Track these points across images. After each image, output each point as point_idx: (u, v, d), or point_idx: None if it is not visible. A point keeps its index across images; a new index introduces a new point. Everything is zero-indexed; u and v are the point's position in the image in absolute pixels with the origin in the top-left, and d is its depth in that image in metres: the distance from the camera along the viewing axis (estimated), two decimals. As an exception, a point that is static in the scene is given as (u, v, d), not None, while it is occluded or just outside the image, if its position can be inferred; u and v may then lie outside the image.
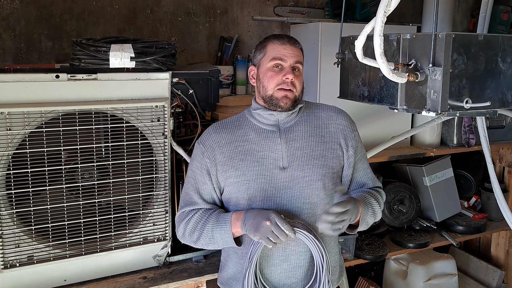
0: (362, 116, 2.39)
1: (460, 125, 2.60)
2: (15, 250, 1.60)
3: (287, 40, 1.47)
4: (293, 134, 1.49)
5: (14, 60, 2.11)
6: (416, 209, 2.60)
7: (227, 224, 1.41)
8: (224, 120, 1.58)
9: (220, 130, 1.52)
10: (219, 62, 2.50)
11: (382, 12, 1.30)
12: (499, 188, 2.32)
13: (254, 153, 1.46)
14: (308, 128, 1.51)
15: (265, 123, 1.50)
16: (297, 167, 1.45)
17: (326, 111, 1.56)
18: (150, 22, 2.35)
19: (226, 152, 1.47)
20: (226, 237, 1.42)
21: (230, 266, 1.54)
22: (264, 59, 1.47)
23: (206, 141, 1.51)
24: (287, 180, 1.45)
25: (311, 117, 1.53)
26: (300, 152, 1.47)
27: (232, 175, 1.46)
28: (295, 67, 1.46)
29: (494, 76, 1.51)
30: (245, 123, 1.53)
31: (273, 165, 1.45)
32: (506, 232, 2.91)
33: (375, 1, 2.48)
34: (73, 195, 1.66)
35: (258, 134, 1.49)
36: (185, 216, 1.51)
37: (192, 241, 1.51)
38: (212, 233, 1.44)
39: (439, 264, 2.67)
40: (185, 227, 1.50)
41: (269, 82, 1.44)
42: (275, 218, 1.33)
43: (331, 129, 1.52)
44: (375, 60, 1.38)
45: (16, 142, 1.54)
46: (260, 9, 2.60)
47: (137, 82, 1.71)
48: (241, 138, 1.49)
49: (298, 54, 1.47)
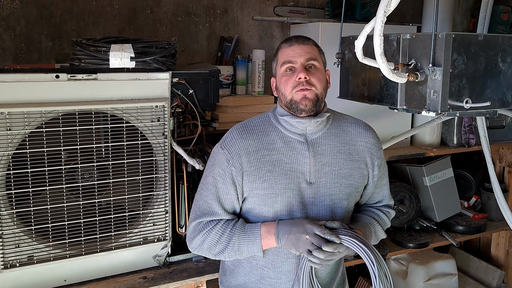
0: (362, 116, 2.37)
1: (460, 125, 2.60)
2: (15, 250, 1.60)
3: (295, 40, 1.41)
4: (321, 148, 1.41)
5: (14, 60, 2.11)
6: (416, 209, 2.60)
7: (256, 237, 1.35)
8: (247, 121, 1.47)
9: (246, 136, 1.41)
10: (219, 62, 2.49)
11: (382, 12, 1.30)
12: (499, 188, 2.32)
13: (282, 165, 1.38)
14: (336, 143, 1.44)
15: (292, 131, 1.41)
16: (324, 184, 1.40)
17: (355, 127, 1.49)
18: (150, 22, 2.35)
19: (253, 162, 1.38)
20: (255, 250, 1.36)
21: (241, 274, 1.49)
22: (277, 67, 1.43)
23: (231, 146, 1.40)
24: (313, 196, 1.39)
25: (339, 131, 1.46)
26: (328, 169, 1.40)
27: (259, 187, 1.38)
28: (309, 65, 1.38)
29: (494, 76, 1.51)
30: (271, 128, 1.43)
31: (300, 178, 1.38)
32: (506, 232, 2.91)
33: (375, 1, 2.48)
34: (73, 195, 1.66)
35: (286, 144, 1.40)
36: (203, 227, 1.41)
37: (212, 254, 1.41)
38: (239, 246, 1.37)
39: (439, 264, 2.67)
40: (204, 239, 1.40)
41: (285, 87, 1.38)
42: (314, 229, 1.26)
43: (359, 147, 1.46)
44: (375, 60, 1.38)
45: (16, 142, 1.54)
46: (260, 9, 2.60)
47: (137, 82, 1.71)
48: (268, 146, 1.40)
49: (309, 50, 1.39)
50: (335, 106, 1.75)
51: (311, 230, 1.26)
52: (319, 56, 1.42)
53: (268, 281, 1.44)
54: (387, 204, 1.58)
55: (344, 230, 1.29)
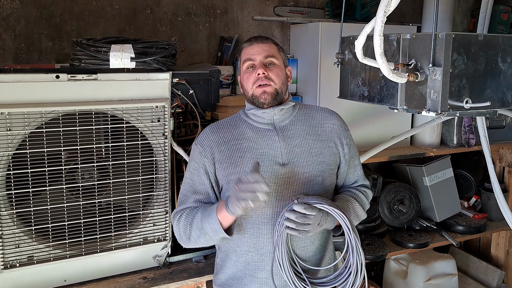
0: (362, 116, 2.40)
1: (460, 125, 2.60)
2: (15, 250, 1.60)
3: (254, 39, 1.52)
4: (290, 132, 1.51)
5: (14, 60, 2.11)
6: (416, 209, 2.60)
7: (213, 211, 1.40)
8: (219, 121, 1.60)
9: (217, 130, 1.53)
10: (219, 62, 2.50)
11: (382, 12, 1.30)
12: (499, 188, 2.32)
13: (253, 151, 1.48)
14: (304, 127, 1.53)
15: (260, 122, 1.52)
16: (297, 163, 1.47)
17: (320, 112, 1.59)
18: (150, 22, 2.35)
19: (224, 151, 1.49)
20: (214, 226, 1.39)
21: (229, 265, 1.54)
22: (241, 65, 1.53)
23: (203, 141, 1.52)
24: (287, 176, 1.46)
25: (306, 117, 1.56)
26: (298, 149, 1.49)
27: (232, 172, 1.46)
28: (267, 62, 1.48)
29: (494, 76, 1.51)
30: (241, 122, 1.54)
31: (272, 161, 1.46)
32: (506, 232, 2.91)
33: (375, 1, 2.48)
34: (73, 195, 1.66)
35: (255, 133, 1.50)
36: (180, 216, 1.51)
37: (187, 238, 1.49)
38: (202, 224, 1.42)
39: (439, 264, 2.67)
40: (178, 225, 1.50)
41: (247, 83, 1.49)
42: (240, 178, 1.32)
43: (326, 128, 1.55)
44: (375, 60, 1.38)
45: (16, 143, 1.54)
46: (260, 9, 2.60)
47: (137, 83, 1.71)
48: (238, 136, 1.51)
49: (267, 48, 1.49)
50: (335, 106, 1.75)
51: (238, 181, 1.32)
52: (278, 54, 1.52)
53: (253, 266, 1.48)
54: (363, 184, 1.65)
55: (316, 197, 1.37)
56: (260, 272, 1.47)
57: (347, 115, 1.67)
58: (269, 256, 1.46)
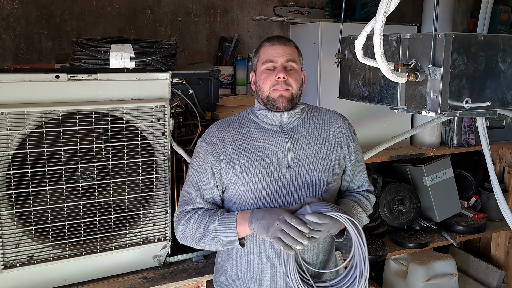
0: (362, 116, 2.39)
1: (460, 125, 2.60)
2: (15, 250, 1.60)
3: (277, 40, 1.48)
4: (297, 134, 1.49)
5: (14, 60, 2.11)
6: (416, 209, 2.60)
7: (232, 223, 1.39)
8: (226, 118, 1.57)
9: (223, 128, 1.51)
10: (219, 62, 2.50)
11: (382, 12, 1.30)
12: (499, 188, 2.32)
13: (260, 151, 1.46)
14: (312, 130, 1.52)
15: (268, 123, 1.49)
16: (303, 167, 1.46)
17: (328, 115, 1.57)
18: (150, 22, 2.35)
19: (231, 150, 1.46)
20: (230, 237, 1.40)
21: (230, 266, 1.53)
22: (258, 63, 1.50)
23: (210, 138, 1.49)
24: (292, 179, 1.45)
25: (314, 120, 1.54)
26: (305, 153, 1.47)
27: (237, 172, 1.44)
28: (288, 66, 1.46)
29: (494, 76, 1.51)
30: (249, 121, 1.52)
31: (278, 163, 1.45)
32: (506, 232, 2.91)
33: (375, 1, 2.48)
34: (73, 195, 1.66)
35: (263, 133, 1.48)
36: (185, 215, 1.47)
37: (194, 241, 1.48)
38: (217, 232, 1.41)
39: (439, 264, 2.67)
40: (185, 227, 1.46)
41: (264, 84, 1.46)
42: (285, 216, 1.29)
43: (333, 132, 1.53)
44: (375, 60, 1.38)
45: (16, 142, 1.54)
46: (260, 9, 2.60)
47: (137, 82, 1.71)
48: (246, 136, 1.48)
49: (290, 52, 1.47)
50: (336, 106, 1.75)
51: (282, 217, 1.30)
52: (298, 58, 1.51)
53: (255, 267, 1.47)
54: (367, 189, 1.64)
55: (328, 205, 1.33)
56: (263, 274, 1.46)
57: (347, 115, 1.67)
58: (271, 259, 1.45)
